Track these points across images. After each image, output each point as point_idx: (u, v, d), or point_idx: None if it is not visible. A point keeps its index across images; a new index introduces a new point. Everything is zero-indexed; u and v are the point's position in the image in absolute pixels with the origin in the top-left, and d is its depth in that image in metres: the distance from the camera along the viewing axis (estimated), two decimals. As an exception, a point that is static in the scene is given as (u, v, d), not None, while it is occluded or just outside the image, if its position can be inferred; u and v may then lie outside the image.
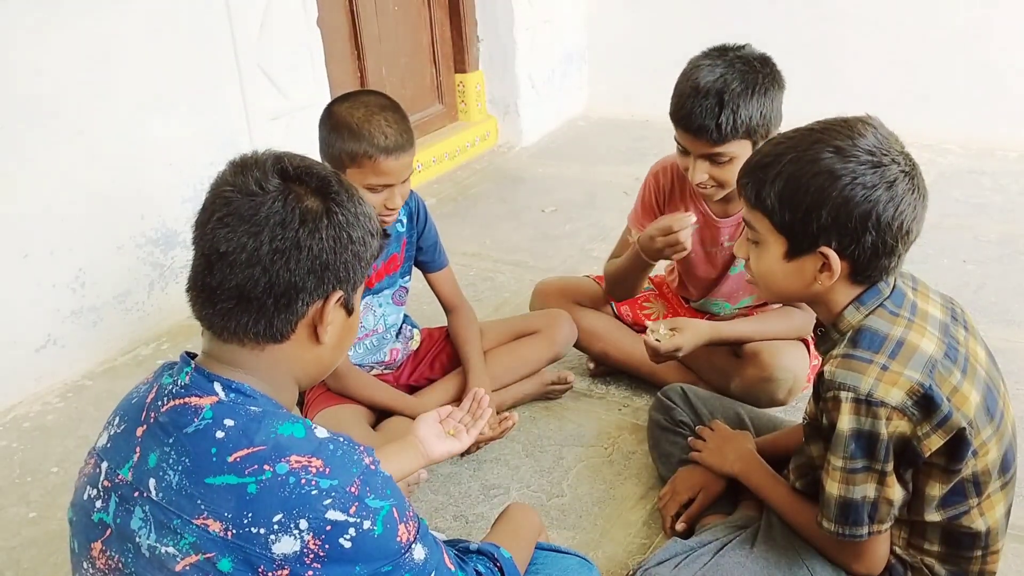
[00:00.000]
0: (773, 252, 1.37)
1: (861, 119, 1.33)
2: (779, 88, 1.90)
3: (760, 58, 1.90)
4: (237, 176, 1.01)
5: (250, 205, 0.99)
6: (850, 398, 1.28)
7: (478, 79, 4.25)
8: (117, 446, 1.04)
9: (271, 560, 0.92)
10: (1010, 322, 2.60)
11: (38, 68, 2.35)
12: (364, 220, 1.06)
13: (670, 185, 2.19)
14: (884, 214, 1.27)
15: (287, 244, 0.98)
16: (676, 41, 4.42)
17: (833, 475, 1.33)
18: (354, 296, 1.08)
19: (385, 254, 2.08)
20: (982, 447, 1.32)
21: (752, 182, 1.36)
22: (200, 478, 0.95)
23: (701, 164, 1.93)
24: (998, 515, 1.39)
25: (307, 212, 1.00)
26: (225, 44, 2.80)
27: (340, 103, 1.89)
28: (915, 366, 1.28)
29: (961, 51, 3.88)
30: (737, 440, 1.77)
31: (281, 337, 1.03)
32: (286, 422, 0.99)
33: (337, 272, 1.03)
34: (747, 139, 1.88)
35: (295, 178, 1.02)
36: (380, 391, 2.07)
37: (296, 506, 0.93)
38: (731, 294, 2.25)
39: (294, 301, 1.01)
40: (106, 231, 2.58)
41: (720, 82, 1.84)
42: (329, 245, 1.01)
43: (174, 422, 0.99)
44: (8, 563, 1.90)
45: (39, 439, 2.33)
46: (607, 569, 1.77)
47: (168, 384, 1.03)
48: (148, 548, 0.97)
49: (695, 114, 1.85)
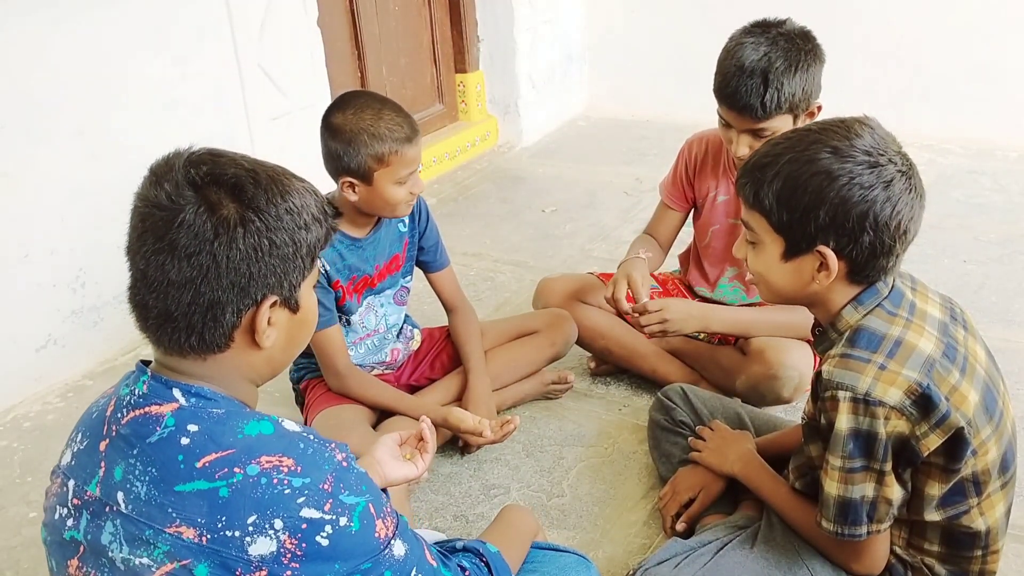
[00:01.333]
0: (771, 252, 1.37)
1: (858, 119, 1.33)
2: (820, 62, 1.95)
3: (801, 33, 1.95)
4: (151, 188, 0.97)
5: (163, 221, 0.95)
6: (848, 397, 1.28)
7: (478, 79, 4.24)
8: (81, 463, 1.02)
9: (248, 562, 0.92)
10: (1010, 322, 2.60)
11: (39, 68, 2.36)
12: (291, 218, 0.99)
13: (703, 156, 2.24)
14: (881, 214, 1.27)
15: (203, 261, 0.94)
16: (676, 41, 4.45)
17: (832, 475, 1.33)
18: (297, 293, 1.03)
19: (387, 254, 2.09)
20: (981, 447, 1.32)
21: (750, 182, 1.36)
22: (169, 486, 0.94)
23: (744, 138, 1.97)
24: (998, 515, 1.39)
25: (221, 223, 0.95)
26: (226, 44, 2.80)
27: (339, 114, 1.88)
28: (913, 365, 1.28)
29: (961, 51, 3.88)
30: (737, 440, 1.77)
31: (218, 348, 1.00)
32: (251, 420, 0.98)
33: (264, 279, 0.98)
34: (790, 114, 1.93)
35: (207, 185, 0.96)
36: (382, 391, 2.07)
37: (270, 506, 0.92)
38: (750, 280, 2.25)
39: (220, 315, 0.97)
40: (106, 231, 2.57)
41: (764, 61, 1.88)
42: (249, 254, 0.96)
43: (136, 432, 0.97)
44: (8, 563, 1.90)
45: (39, 439, 2.33)
46: (607, 569, 1.77)
47: (126, 395, 1.01)
48: (122, 561, 0.96)
49: (740, 93, 1.90)
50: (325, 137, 1.90)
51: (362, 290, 2.07)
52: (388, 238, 2.08)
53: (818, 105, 1.99)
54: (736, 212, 2.19)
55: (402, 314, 2.22)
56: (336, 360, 2.00)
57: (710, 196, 2.24)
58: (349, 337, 2.09)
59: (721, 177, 2.21)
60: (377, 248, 2.06)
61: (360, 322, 2.09)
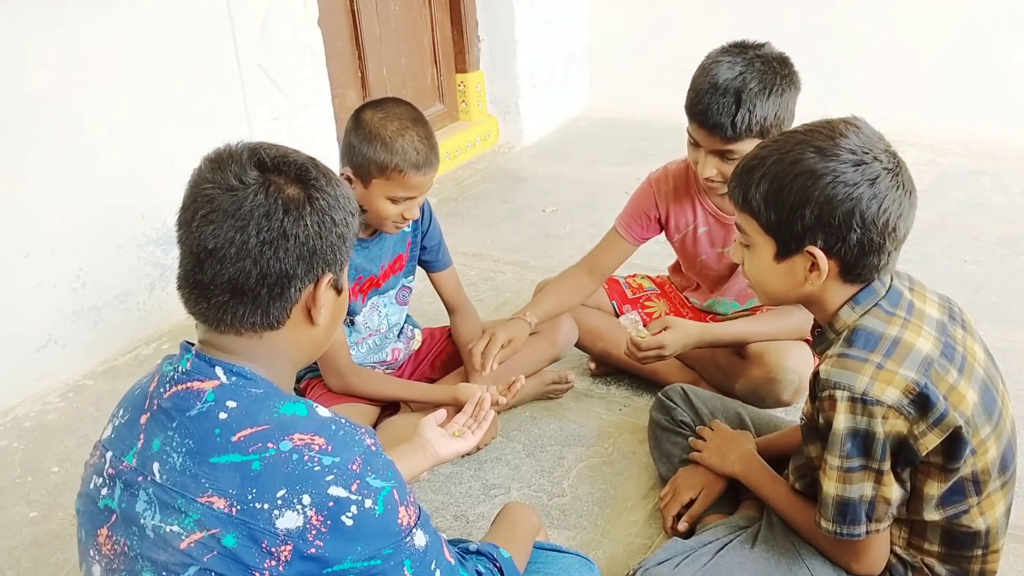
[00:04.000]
0: (764, 254, 1.38)
1: (845, 120, 1.35)
2: (795, 89, 1.92)
3: (779, 58, 1.91)
4: (216, 172, 1.02)
5: (232, 200, 1.00)
6: (845, 397, 1.28)
7: (479, 79, 4.25)
8: (121, 435, 1.06)
9: (275, 535, 0.94)
10: (1011, 322, 2.60)
11: (39, 68, 2.36)
12: (344, 201, 1.08)
13: (671, 191, 2.18)
14: (868, 211, 1.28)
15: (274, 234, 1.00)
16: (677, 41, 4.44)
17: (830, 474, 1.33)
18: (341, 275, 1.10)
19: (391, 254, 2.09)
20: (980, 446, 1.32)
21: (739, 185, 1.38)
22: (204, 458, 0.97)
23: (711, 159, 1.94)
24: (998, 514, 1.39)
25: (290, 201, 1.01)
26: (226, 44, 2.80)
27: (371, 111, 1.88)
28: (911, 365, 1.28)
29: (961, 51, 3.88)
30: (737, 440, 1.77)
31: (278, 324, 1.05)
32: (288, 402, 1.02)
33: (325, 256, 1.05)
34: (759, 138, 1.88)
35: (273, 168, 1.03)
36: (385, 383, 2.07)
37: (299, 482, 0.95)
38: (741, 293, 2.25)
39: (287, 288, 1.03)
40: (107, 231, 2.58)
41: (739, 80, 1.85)
42: (315, 231, 1.03)
43: (177, 406, 1.01)
44: (9, 563, 1.90)
45: (40, 439, 2.33)
46: (607, 569, 1.77)
47: (169, 371, 1.05)
48: (153, 529, 0.98)
49: (712, 110, 1.86)
50: (349, 124, 1.90)
51: (367, 290, 2.07)
52: (392, 238, 2.08)
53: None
54: (721, 241, 2.18)
55: (404, 314, 2.22)
56: (338, 359, 2.00)
57: (690, 230, 2.20)
58: (351, 337, 2.09)
59: (697, 208, 2.16)
60: (382, 248, 2.06)
61: (363, 322, 2.10)
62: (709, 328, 2.11)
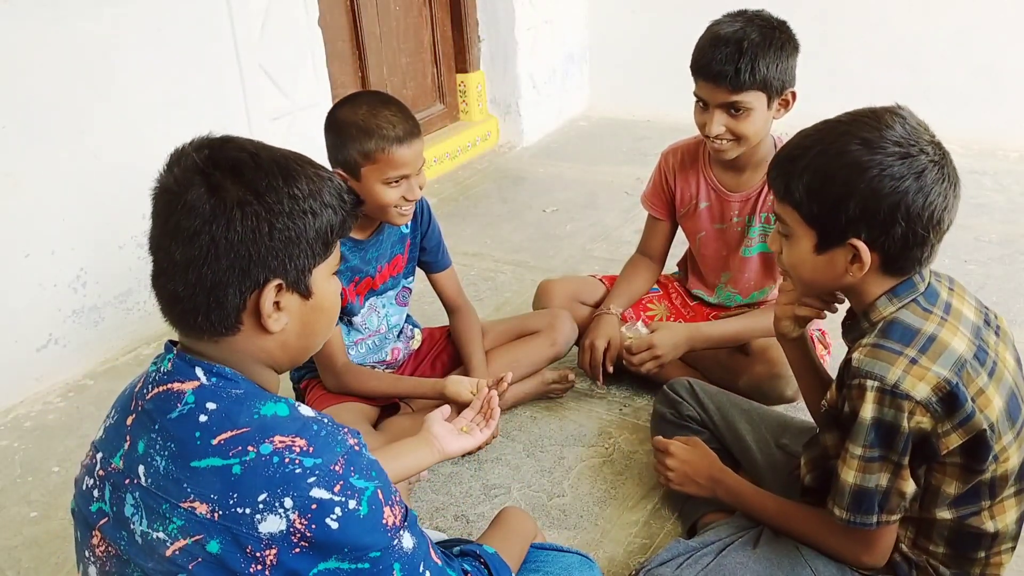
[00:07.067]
0: (804, 245, 1.36)
1: (890, 109, 1.32)
2: (795, 49, 1.98)
3: (779, 21, 1.99)
4: (165, 173, 1.00)
5: (168, 204, 0.97)
6: (875, 387, 1.27)
7: (479, 79, 4.25)
8: (109, 436, 1.05)
9: (258, 540, 0.93)
10: (1011, 322, 2.57)
11: (40, 68, 2.36)
12: (296, 202, 0.99)
13: (679, 163, 2.25)
14: (913, 205, 1.26)
15: (203, 242, 0.96)
16: (677, 41, 4.42)
17: (850, 463, 1.32)
18: (308, 278, 1.03)
19: (389, 255, 2.09)
20: (1002, 452, 1.32)
21: (780, 175, 1.35)
22: (186, 462, 0.95)
23: (719, 115, 1.99)
24: (1009, 520, 1.38)
25: (219, 205, 0.95)
26: (226, 44, 2.80)
27: (340, 107, 1.89)
28: (944, 363, 1.27)
29: (961, 51, 3.88)
30: (699, 465, 1.71)
31: (227, 331, 1.01)
32: (268, 402, 0.99)
33: (265, 262, 0.98)
34: (763, 92, 1.95)
35: (209, 168, 0.97)
36: (379, 380, 2.06)
37: (280, 485, 0.93)
38: (744, 284, 2.25)
39: (223, 297, 0.98)
40: (107, 231, 2.58)
41: (740, 32, 1.93)
42: (248, 236, 0.96)
43: (158, 408, 1.00)
44: (9, 562, 1.90)
45: (40, 438, 2.33)
46: (608, 569, 1.77)
47: (152, 372, 1.04)
48: (141, 534, 0.98)
49: (715, 61, 1.93)
50: (325, 128, 1.90)
51: (364, 291, 2.07)
52: (390, 239, 2.08)
53: (792, 92, 2.00)
54: (719, 218, 2.21)
55: (404, 314, 2.22)
56: (335, 360, 2.00)
57: (692, 204, 2.25)
58: (351, 337, 2.09)
59: (701, 183, 2.21)
60: (379, 249, 2.06)
61: (362, 323, 2.09)
62: (697, 328, 2.14)
